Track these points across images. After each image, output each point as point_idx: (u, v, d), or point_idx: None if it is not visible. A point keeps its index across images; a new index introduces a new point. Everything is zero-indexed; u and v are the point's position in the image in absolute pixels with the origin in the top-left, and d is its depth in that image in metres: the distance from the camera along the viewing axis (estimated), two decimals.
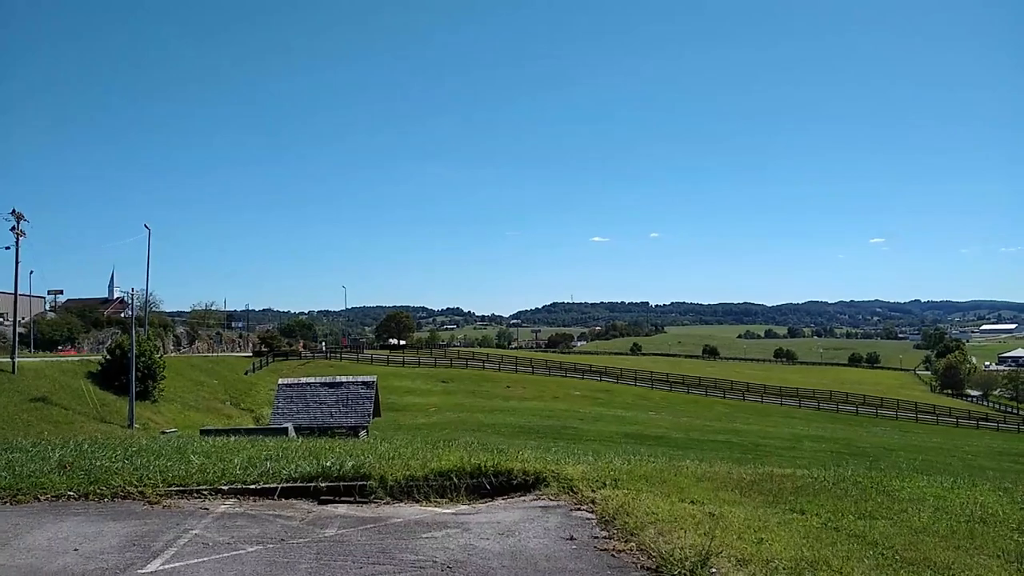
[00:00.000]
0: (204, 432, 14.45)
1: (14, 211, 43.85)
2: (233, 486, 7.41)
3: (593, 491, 6.35)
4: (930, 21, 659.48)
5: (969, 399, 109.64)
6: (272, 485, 7.44)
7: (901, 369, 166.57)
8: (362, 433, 40.75)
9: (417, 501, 7.04)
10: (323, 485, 7.44)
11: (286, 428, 13.15)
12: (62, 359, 51.33)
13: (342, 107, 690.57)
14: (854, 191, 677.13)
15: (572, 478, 6.69)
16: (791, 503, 5.98)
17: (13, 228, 43.87)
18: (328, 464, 7.71)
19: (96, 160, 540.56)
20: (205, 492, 7.27)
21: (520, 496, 6.87)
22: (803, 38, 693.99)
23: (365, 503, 7.18)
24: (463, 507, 6.70)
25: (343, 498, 7.29)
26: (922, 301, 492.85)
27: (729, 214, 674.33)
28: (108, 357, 48.13)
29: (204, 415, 50.23)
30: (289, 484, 7.46)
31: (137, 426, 41.15)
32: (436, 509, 6.67)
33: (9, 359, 43.19)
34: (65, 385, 43.23)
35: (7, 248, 44.14)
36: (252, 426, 39.63)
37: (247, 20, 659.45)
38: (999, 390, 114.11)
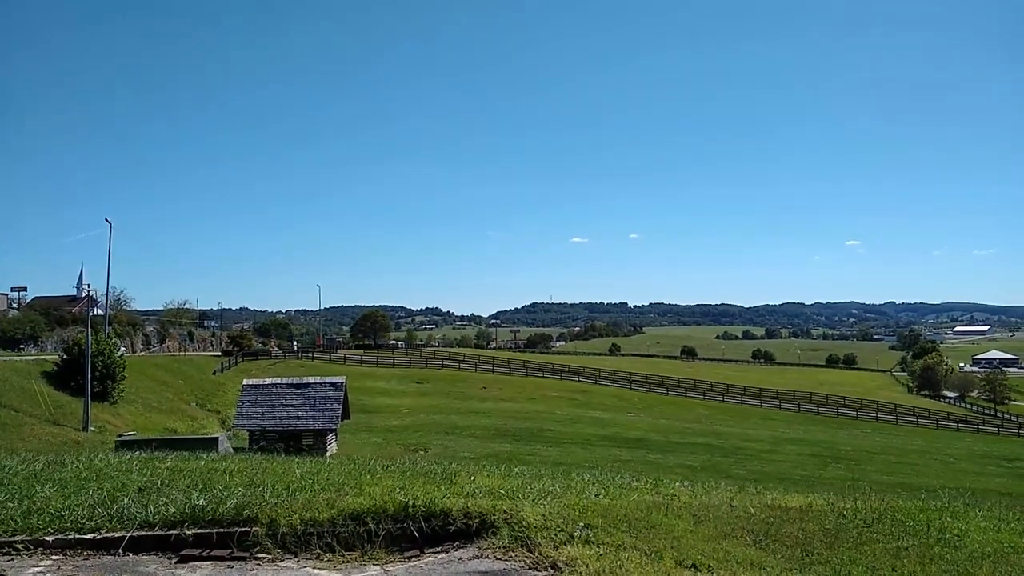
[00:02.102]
0: (120, 444, 12.70)
1: None
2: (64, 536, 5.38)
3: (556, 547, 4.61)
4: (907, 25, 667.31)
5: (946, 400, 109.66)
6: (119, 533, 5.44)
7: (878, 370, 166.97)
8: (329, 436, 39.16)
9: (316, 556, 5.15)
10: (190, 533, 5.50)
11: (216, 439, 11.44)
12: (15, 358, 48.94)
13: (324, 106, 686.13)
14: (830, 193, 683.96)
15: (529, 524, 4.92)
16: (830, 562, 4.22)
17: None
18: (202, 503, 5.75)
19: (69, 157, 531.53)
20: (20, 546, 5.22)
21: (458, 550, 4.99)
22: (781, 41, 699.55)
23: (242, 559, 5.27)
24: (373, 570, 4.82)
25: (214, 551, 5.37)
26: (897, 303, 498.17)
27: (708, 216, 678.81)
28: (64, 356, 45.93)
29: (167, 417, 48.20)
30: (142, 533, 5.49)
31: (93, 429, 39.10)
32: None
33: None
34: (16, 385, 40.96)
35: None
36: (189, 435, 37.15)
37: (222, 21, 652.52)
38: (976, 392, 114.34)
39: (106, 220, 47.90)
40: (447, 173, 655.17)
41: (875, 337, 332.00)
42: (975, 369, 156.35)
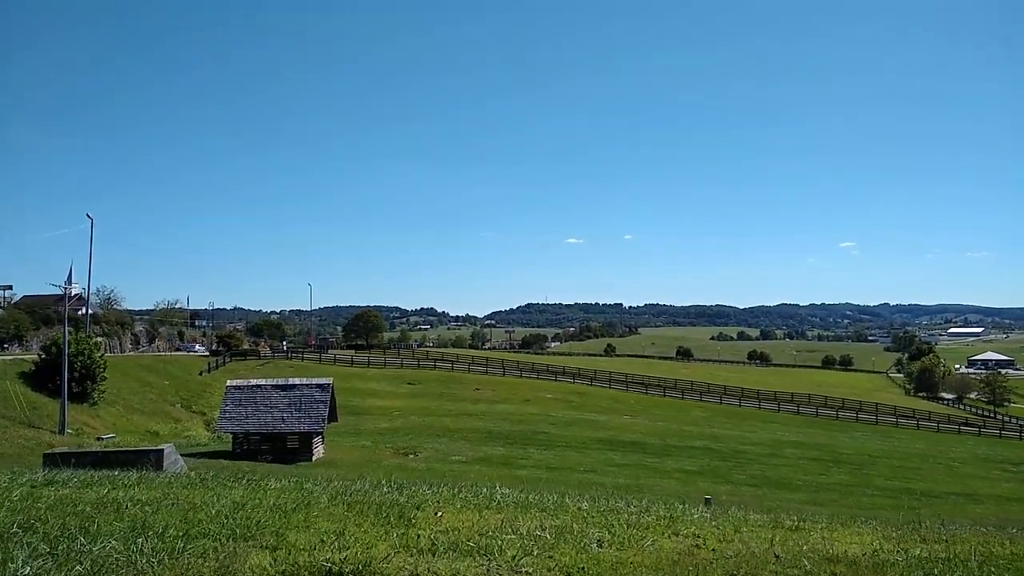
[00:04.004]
0: (48, 457, 11.26)
1: None
2: None
3: None
4: (903, 28, 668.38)
5: (944, 402, 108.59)
6: None
7: (874, 372, 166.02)
8: (316, 439, 37.73)
9: None
10: None
11: (161, 451, 10.04)
12: None
13: (318, 107, 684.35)
14: (825, 195, 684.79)
15: None
16: None
17: None
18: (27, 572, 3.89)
19: (60, 157, 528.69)
20: None
21: None
22: (775, 42, 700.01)
23: None
24: None
25: None
26: (891, 304, 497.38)
27: (702, 217, 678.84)
28: (43, 356, 44.37)
29: (150, 418, 46.76)
30: None
31: (70, 431, 37.67)
32: None
33: None
34: None
35: None
36: (124, 446, 35.16)
37: (216, 21, 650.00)
38: (976, 394, 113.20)
39: (87, 216, 46.38)
40: (442, 173, 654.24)
41: (870, 338, 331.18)
42: (970, 371, 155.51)
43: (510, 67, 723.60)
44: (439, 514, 5.24)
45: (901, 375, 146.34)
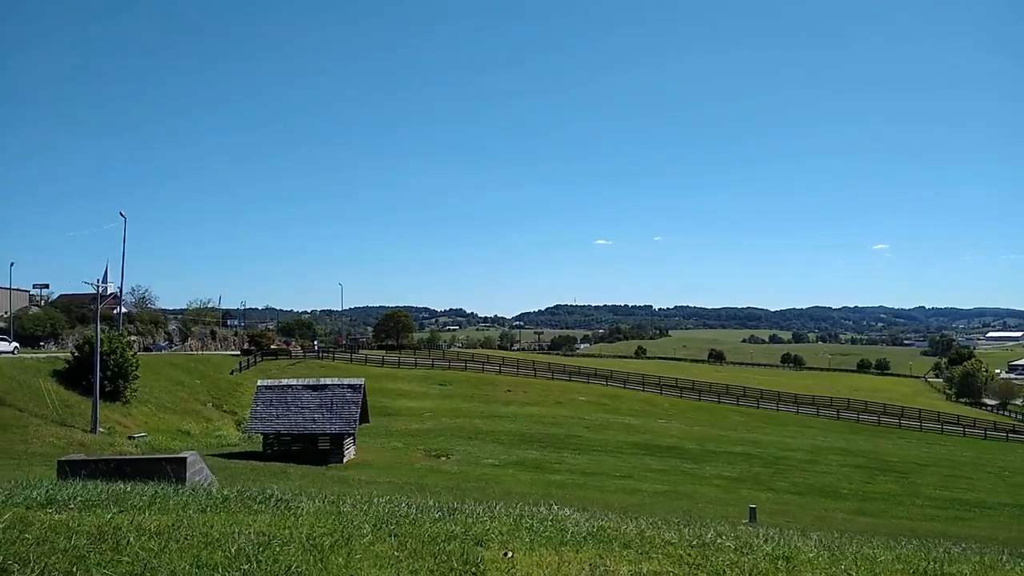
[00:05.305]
0: (61, 466, 10.52)
1: None
2: None
3: None
4: (930, 25, 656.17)
5: (987, 408, 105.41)
6: None
7: (911, 376, 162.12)
8: (347, 440, 37.11)
9: None
10: None
11: (184, 459, 9.19)
12: (25, 356, 47.46)
13: (349, 107, 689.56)
14: (858, 196, 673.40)
15: None
16: None
17: None
18: None
19: (95, 157, 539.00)
20: None
21: None
22: (805, 43, 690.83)
23: None
24: None
25: None
26: (927, 308, 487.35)
27: (733, 218, 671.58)
28: (76, 354, 44.32)
29: (181, 417, 46.54)
30: None
31: (102, 430, 37.47)
32: None
33: None
34: (24, 384, 39.41)
35: None
36: (156, 446, 34.82)
37: (246, 19, 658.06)
38: (1021, 400, 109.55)
39: (121, 215, 46.39)
40: (471, 175, 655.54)
41: (905, 342, 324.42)
42: (1012, 376, 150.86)
43: (539, 68, 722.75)
44: (509, 555, 4.24)
45: (939, 380, 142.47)
